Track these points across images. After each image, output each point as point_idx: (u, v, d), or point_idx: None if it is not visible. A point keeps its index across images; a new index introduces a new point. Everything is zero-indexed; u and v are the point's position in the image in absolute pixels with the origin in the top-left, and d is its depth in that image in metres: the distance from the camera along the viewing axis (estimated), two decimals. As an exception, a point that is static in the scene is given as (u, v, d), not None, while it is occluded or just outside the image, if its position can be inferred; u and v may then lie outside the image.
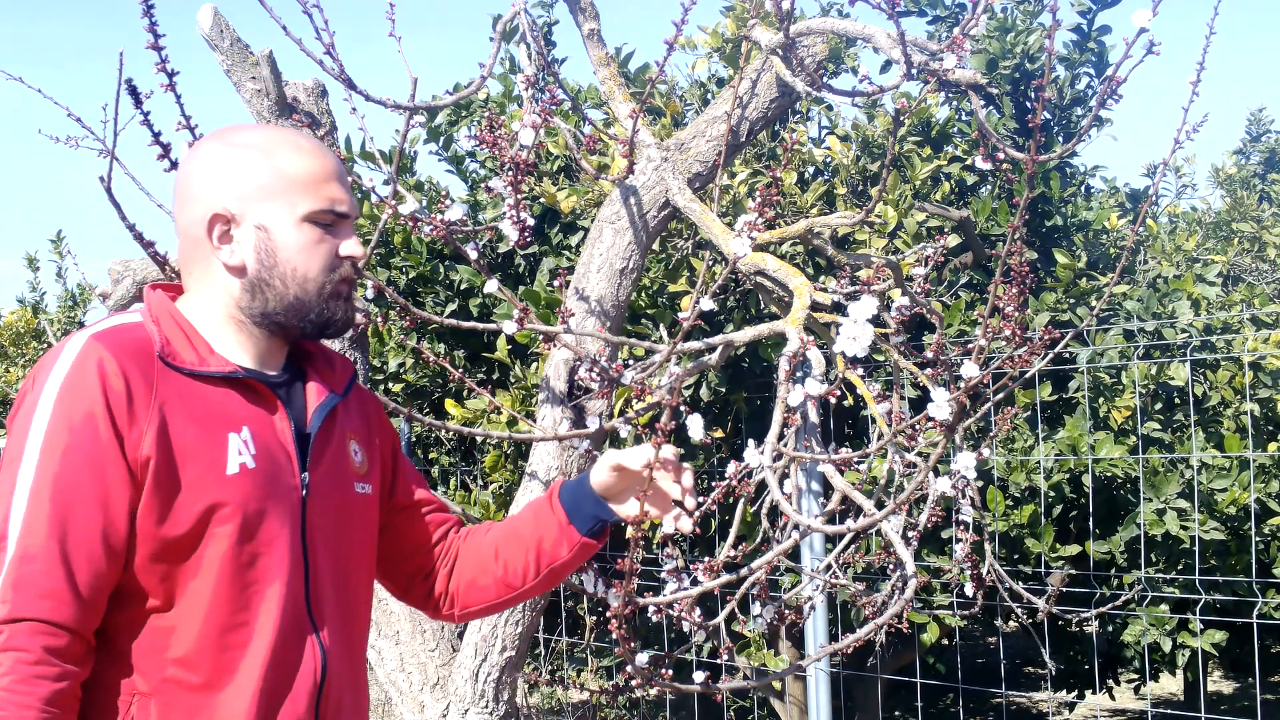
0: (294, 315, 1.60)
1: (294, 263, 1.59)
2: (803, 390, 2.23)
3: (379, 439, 1.80)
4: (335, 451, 1.67)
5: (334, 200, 1.60)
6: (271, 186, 1.58)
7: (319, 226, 1.60)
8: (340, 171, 1.63)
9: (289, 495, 1.58)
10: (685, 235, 4.27)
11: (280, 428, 1.60)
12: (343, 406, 1.72)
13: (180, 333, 1.57)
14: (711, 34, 4.46)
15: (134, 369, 1.48)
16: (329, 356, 1.74)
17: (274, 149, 1.60)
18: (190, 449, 1.50)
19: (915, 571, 2.17)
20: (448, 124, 5.13)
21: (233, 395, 1.56)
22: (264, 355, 1.63)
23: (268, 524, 1.54)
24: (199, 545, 1.49)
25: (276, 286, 1.59)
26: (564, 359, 2.96)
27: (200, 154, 1.63)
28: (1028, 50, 4.43)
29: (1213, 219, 6.58)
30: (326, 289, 1.61)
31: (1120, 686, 5.75)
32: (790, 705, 4.53)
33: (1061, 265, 4.15)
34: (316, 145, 1.64)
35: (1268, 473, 3.96)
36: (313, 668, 1.57)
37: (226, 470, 1.51)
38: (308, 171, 1.60)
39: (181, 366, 1.53)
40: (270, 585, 1.54)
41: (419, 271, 4.78)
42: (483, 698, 3.02)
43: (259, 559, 1.53)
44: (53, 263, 8.79)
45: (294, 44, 2.49)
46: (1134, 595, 3.76)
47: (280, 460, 1.58)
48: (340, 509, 1.66)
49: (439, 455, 5.61)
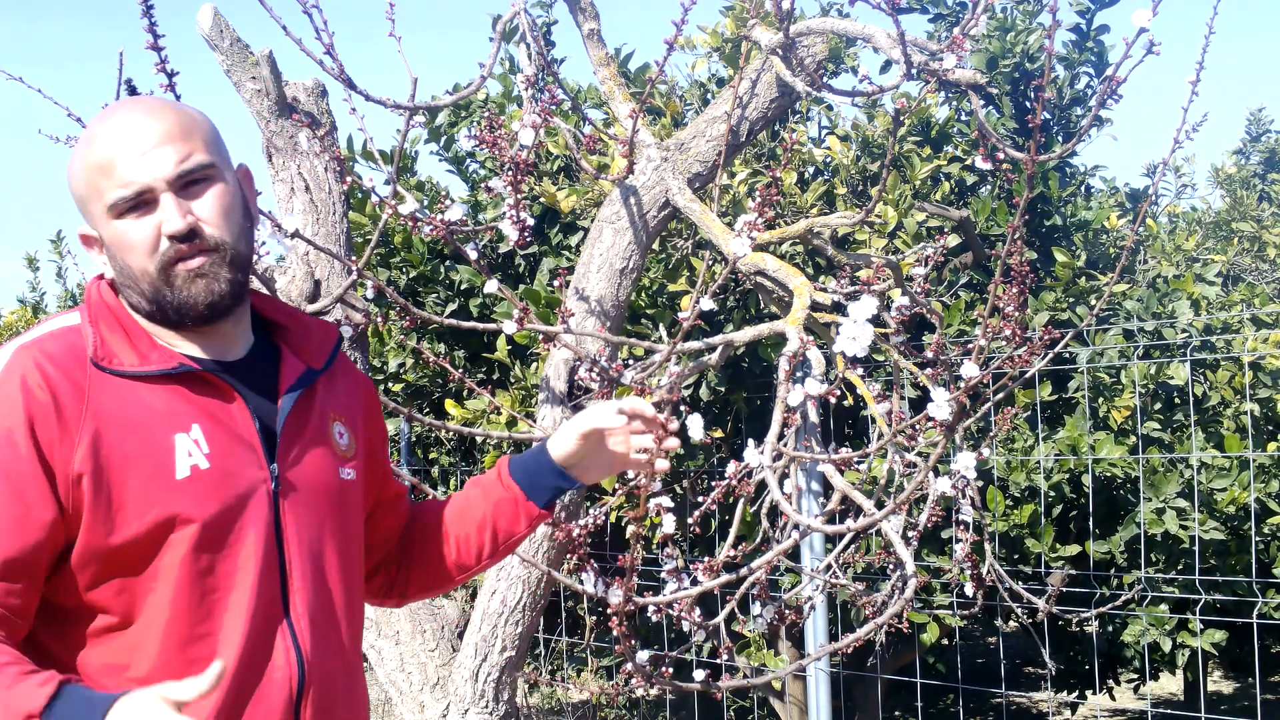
0: (161, 308, 1.47)
1: (125, 261, 1.46)
2: (803, 390, 2.23)
3: (367, 419, 1.69)
4: (312, 435, 1.55)
5: (118, 185, 1.43)
6: (83, 195, 1.48)
7: (127, 216, 1.44)
8: (134, 143, 1.44)
9: (254, 491, 1.46)
10: (685, 235, 4.28)
11: (240, 419, 1.48)
12: (324, 382, 1.60)
13: (120, 330, 1.47)
14: (711, 34, 4.46)
15: (62, 380, 1.39)
16: (307, 327, 1.61)
17: (81, 152, 1.48)
18: (132, 457, 1.40)
19: (915, 571, 2.17)
20: (448, 124, 5.13)
21: (180, 391, 1.45)
22: (211, 340, 1.51)
23: (230, 525, 1.44)
24: (154, 557, 1.40)
25: (132, 286, 1.47)
26: (564, 359, 2.96)
27: None
28: (1027, 50, 4.43)
29: (1213, 219, 6.58)
30: (160, 274, 1.45)
31: (1120, 686, 5.76)
32: (790, 705, 4.53)
33: (1061, 265, 4.15)
34: (111, 126, 1.47)
35: (1267, 472, 3.96)
36: (288, 675, 1.47)
37: (176, 475, 1.41)
38: (97, 164, 1.45)
39: (119, 369, 1.43)
40: (235, 591, 1.44)
41: (419, 271, 4.78)
42: (483, 698, 3.02)
43: (221, 564, 1.43)
44: (53, 263, 8.79)
45: (294, 44, 2.49)
46: (1134, 595, 3.76)
47: (240, 454, 1.46)
48: (320, 499, 1.54)
49: (439, 455, 5.61)
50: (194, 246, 1.45)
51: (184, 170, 1.45)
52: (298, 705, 1.48)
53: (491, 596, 3.03)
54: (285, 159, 2.97)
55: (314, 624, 1.50)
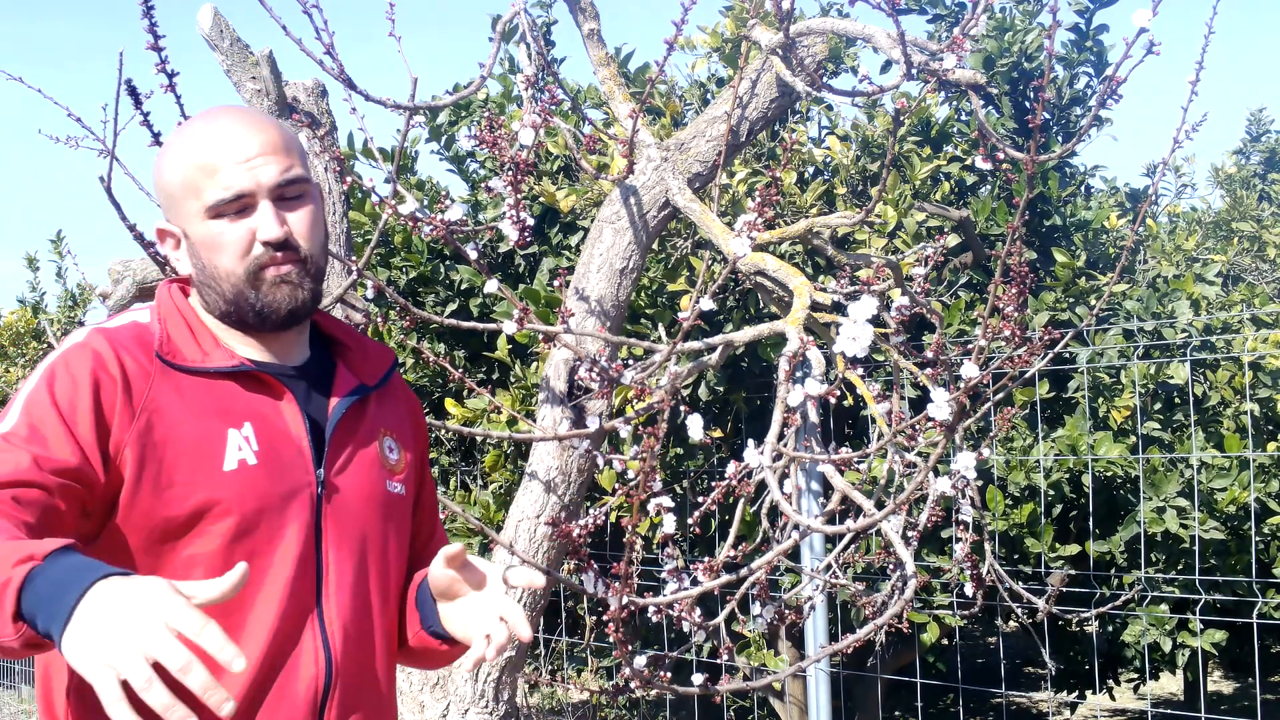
0: (240, 310, 1.53)
1: (213, 261, 1.52)
2: (803, 390, 2.23)
3: (416, 441, 1.71)
4: (361, 445, 1.59)
5: (225, 186, 1.49)
6: (178, 191, 1.52)
7: (224, 217, 1.50)
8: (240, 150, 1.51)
9: (299, 493, 1.51)
10: (685, 235, 4.28)
11: (291, 422, 1.53)
12: (376, 399, 1.64)
13: (185, 328, 1.53)
14: (711, 34, 4.46)
15: (132, 362, 1.46)
16: (364, 346, 1.67)
17: (178, 149, 1.54)
18: (183, 444, 1.45)
19: (915, 571, 2.17)
20: (448, 124, 5.13)
21: (238, 390, 1.51)
22: (270, 346, 1.57)
23: (269, 523, 1.47)
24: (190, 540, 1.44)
25: (214, 287, 1.53)
26: (564, 359, 2.96)
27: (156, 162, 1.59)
28: (1025, 49, 4.43)
29: (1213, 219, 6.58)
30: (249, 277, 1.51)
31: (1120, 686, 5.75)
32: (790, 705, 4.53)
33: (1060, 265, 4.15)
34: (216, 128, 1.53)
35: (1267, 472, 3.96)
36: (314, 675, 1.49)
37: (224, 466, 1.46)
38: (199, 163, 1.50)
39: (181, 364, 1.49)
40: (267, 587, 1.47)
41: (419, 271, 4.78)
42: (483, 698, 3.02)
43: (256, 558, 1.45)
44: (53, 263, 8.79)
45: (294, 44, 2.49)
46: (1134, 595, 3.76)
47: (289, 456, 1.51)
48: (365, 507, 1.57)
49: (439, 455, 5.61)
50: (285, 255, 1.52)
51: (283, 181, 1.52)
52: (322, 705, 1.50)
53: (491, 596, 3.03)
54: (285, 159, 2.97)
55: (345, 628, 1.52)
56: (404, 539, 1.65)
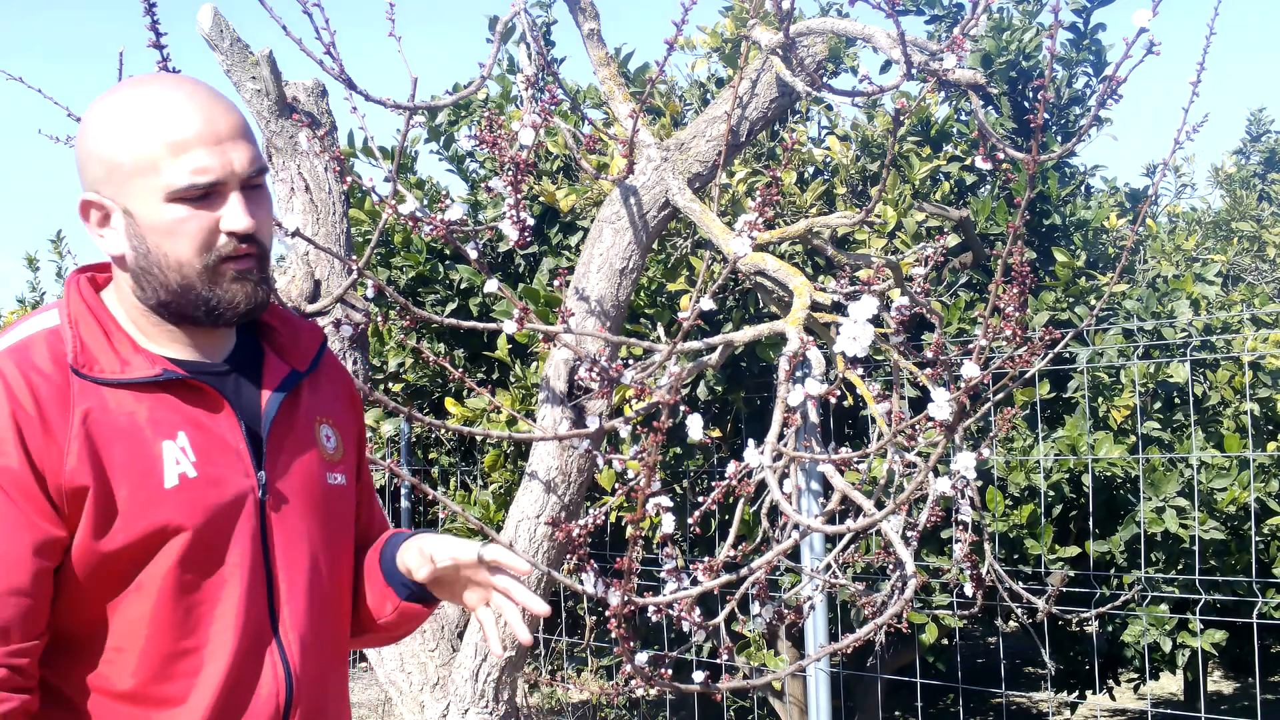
0: (185, 303, 1.40)
1: (164, 248, 1.38)
2: (803, 390, 2.23)
3: (354, 419, 1.62)
4: (298, 440, 1.50)
5: (195, 171, 1.36)
6: (129, 164, 1.37)
7: (187, 203, 1.37)
8: (214, 131, 1.38)
9: (243, 499, 1.41)
10: (685, 235, 4.28)
11: (225, 425, 1.42)
12: (309, 384, 1.54)
13: (100, 333, 1.40)
14: (711, 34, 4.46)
15: (45, 386, 1.33)
16: (293, 327, 1.55)
17: (134, 116, 1.37)
18: (121, 464, 1.34)
19: (915, 571, 2.17)
20: (448, 124, 5.13)
21: (164, 398, 1.39)
22: (197, 342, 1.45)
23: (217, 536, 1.38)
24: (139, 564, 1.34)
25: (157, 275, 1.39)
26: (564, 359, 2.96)
27: (79, 128, 1.43)
28: (1023, 48, 4.43)
29: (1212, 219, 6.58)
30: (207, 271, 1.39)
31: (1120, 686, 5.76)
32: (790, 705, 4.53)
33: (1060, 264, 4.15)
34: (183, 102, 1.38)
35: (1267, 472, 3.96)
36: (274, 690, 1.42)
37: (164, 483, 1.35)
38: (165, 140, 1.36)
39: (99, 377, 1.36)
40: (223, 603, 1.39)
41: (419, 271, 4.78)
42: (483, 697, 3.02)
43: (208, 576, 1.38)
44: (53, 263, 8.80)
45: (294, 44, 2.49)
46: (1134, 595, 3.76)
47: (228, 462, 1.41)
48: (308, 506, 1.48)
49: (439, 455, 5.61)
50: (246, 248, 1.41)
51: (254, 170, 1.41)
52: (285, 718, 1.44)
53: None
54: (285, 159, 2.98)
55: (302, 638, 1.45)
56: (349, 530, 1.58)
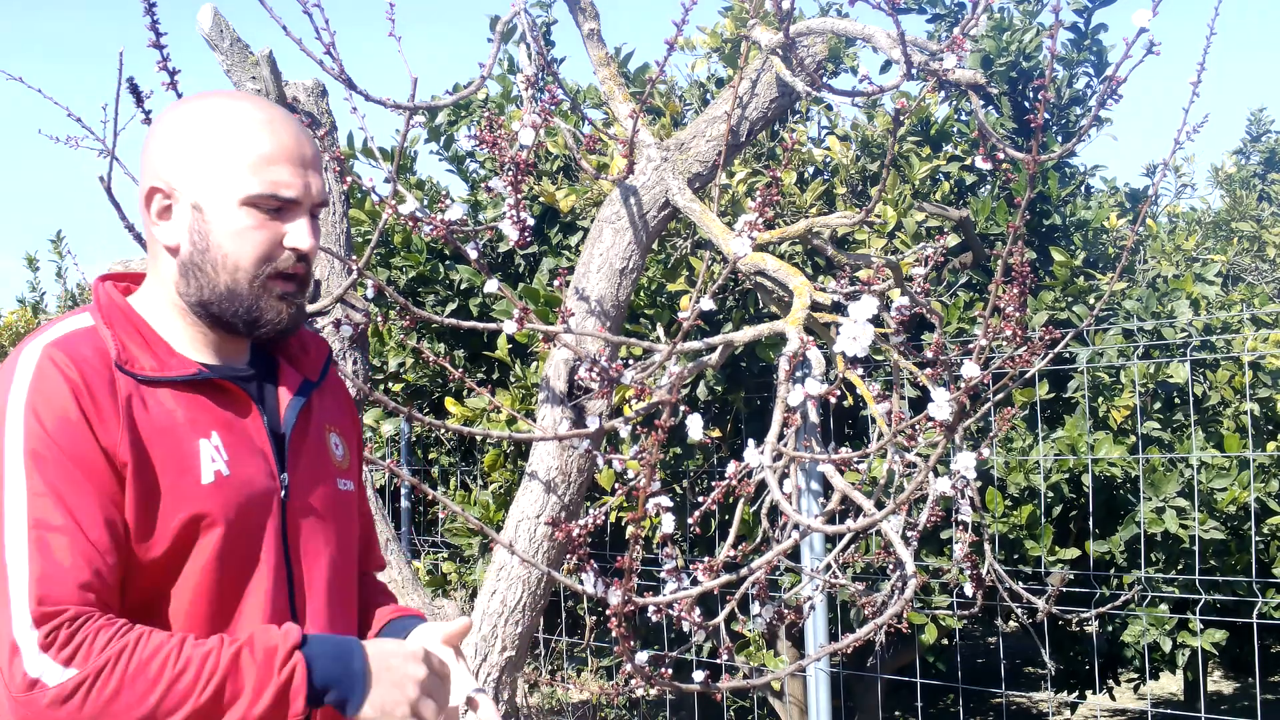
0: (226, 308, 1.46)
1: (225, 248, 1.44)
2: (803, 390, 2.23)
3: (355, 433, 1.69)
4: (314, 447, 1.56)
5: (279, 184, 1.45)
6: (212, 163, 1.44)
7: (260, 211, 1.45)
8: (300, 153, 1.47)
9: (269, 499, 1.47)
10: (685, 235, 4.28)
11: (254, 428, 1.49)
12: (318, 395, 1.60)
13: (136, 334, 1.46)
14: (711, 34, 4.46)
15: (95, 375, 1.39)
16: (303, 340, 1.62)
17: (226, 121, 1.46)
18: (162, 459, 1.40)
19: (915, 571, 2.17)
20: (448, 124, 5.13)
21: (199, 399, 1.45)
22: (223, 348, 1.51)
23: (249, 531, 1.45)
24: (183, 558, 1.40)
25: (208, 272, 1.45)
26: (564, 359, 2.96)
27: (158, 120, 1.51)
28: (1023, 49, 4.43)
29: (1212, 219, 6.59)
30: (258, 281, 1.46)
31: (1120, 686, 5.76)
32: (790, 705, 4.53)
33: (1059, 264, 4.15)
34: (277, 122, 1.48)
35: (1267, 472, 3.96)
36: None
37: (201, 479, 1.41)
38: (255, 149, 1.44)
39: (140, 374, 1.42)
40: (251, 597, 1.45)
41: (419, 271, 4.78)
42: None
43: (239, 571, 1.44)
44: (53, 263, 8.81)
45: (294, 44, 2.49)
46: (1134, 595, 3.77)
47: (256, 463, 1.47)
48: (324, 510, 1.55)
49: (439, 455, 5.61)
50: (297, 268, 1.48)
51: (322, 200, 1.51)
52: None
53: (491, 596, 3.03)
54: (285, 159, 2.97)
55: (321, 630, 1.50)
56: (355, 534, 1.64)
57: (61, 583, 1.31)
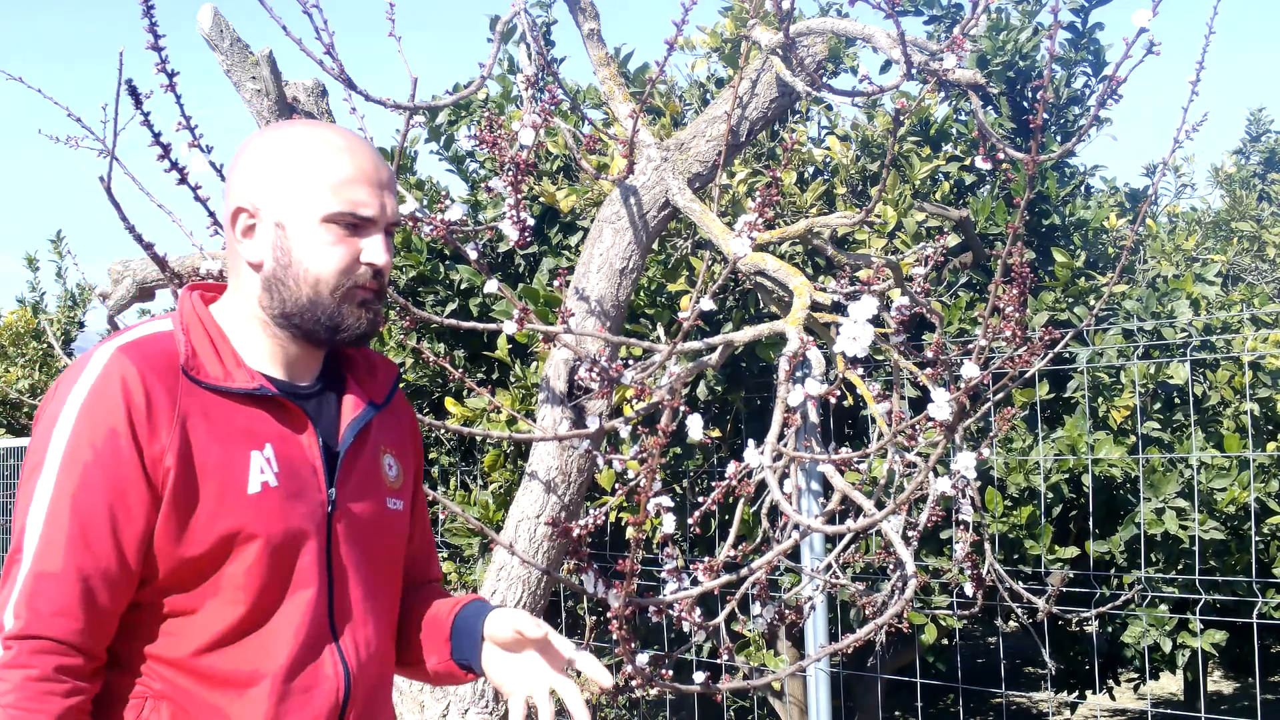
0: (309, 318, 1.56)
1: (307, 263, 1.55)
2: (803, 390, 2.23)
3: (414, 453, 1.76)
4: (366, 465, 1.64)
5: (357, 203, 1.55)
6: (295, 183, 1.55)
7: (340, 228, 1.55)
8: (377, 176, 1.58)
9: (314, 513, 1.55)
10: (685, 235, 4.28)
11: (307, 444, 1.57)
12: (379, 417, 1.68)
13: (208, 343, 1.55)
14: (711, 34, 4.46)
15: (157, 382, 1.47)
16: (371, 362, 1.71)
17: (308, 146, 1.57)
18: (211, 466, 1.48)
19: (915, 571, 2.17)
20: (448, 124, 5.13)
21: (258, 411, 1.54)
22: (295, 362, 1.60)
23: (290, 543, 1.52)
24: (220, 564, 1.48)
25: (290, 286, 1.55)
26: (564, 359, 2.96)
27: (242, 148, 1.62)
28: (1020, 48, 4.43)
29: (1212, 219, 6.58)
30: (339, 292, 1.56)
31: (1120, 686, 5.76)
32: (790, 705, 4.53)
33: (1060, 265, 4.15)
34: (355, 147, 1.59)
35: (1267, 472, 3.96)
36: (334, 687, 1.54)
37: (248, 489, 1.49)
38: (335, 172, 1.55)
39: (205, 382, 1.51)
40: (291, 603, 1.52)
41: (419, 271, 4.78)
42: (483, 697, 3.02)
43: (280, 577, 1.51)
44: (53, 263, 8.81)
45: (294, 44, 2.49)
46: (1134, 595, 3.76)
47: (305, 477, 1.55)
48: (370, 526, 1.62)
49: (439, 455, 5.61)
50: (376, 284, 1.58)
51: (396, 219, 1.61)
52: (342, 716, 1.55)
53: (491, 596, 3.03)
54: (285, 159, 2.97)
55: (359, 642, 1.58)
56: (401, 553, 1.71)
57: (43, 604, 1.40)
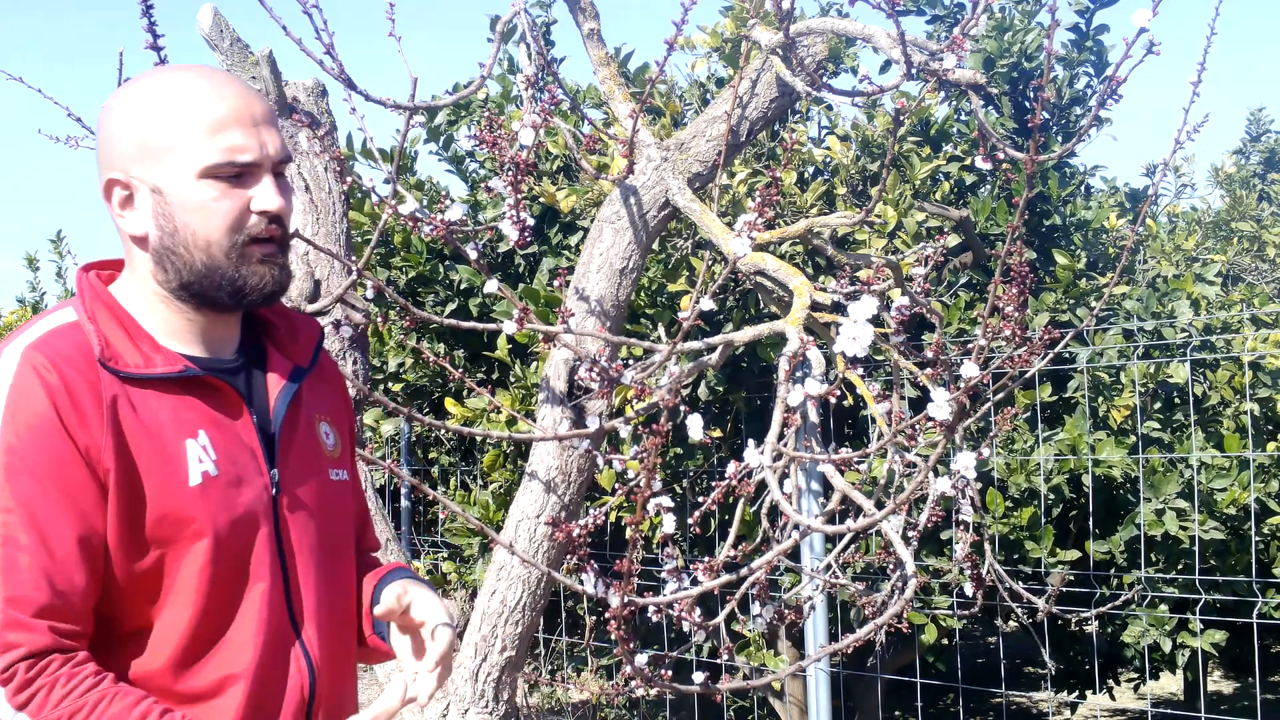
0: (208, 285, 1.40)
1: (194, 226, 1.38)
2: (803, 390, 2.23)
3: (347, 417, 1.63)
4: (304, 437, 1.51)
5: (234, 149, 1.38)
6: (162, 142, 1.38)
7: (220, 180, 1.38)
8: (250, 113, 1.40)
9: (259, 497, 1.43)
10: (685, 235, 4.28)
11: (241, 424, 1.44)
12: (308, 383, 1.54)
13: (119, 328, 1.40)
14: (711, 34, 4.46)
15: (78, 379, 1.33)
16: (292, 323, 1.56)
17: (168, 96, 1.39)
18: (148, 462, 1.35)
19: (915, 571, 2.17)
20: (448, 124, 5.13)
21: (186, 398, 1.40)
22: (210, 335, 1.46)
23: (242, 534, 1.40)
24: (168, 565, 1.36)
25: (181, 254, 1.39)
26: (564, 359, 2.96)
27: (104, 111, 1.44)
28: (1025, 49, 4.43)
29: (1212, 219, 6.59)
30: (234, 251, 1.40)
31: (1120, 686, 5.76)
32: (790, 705, 4.53)
33: (1061, 265, 4.15)
34: (220, 86, 1.41)
35: (1267, 472, 3.96)
36: (300, 683, 1.44)
37: (189, 482, 1.36)
38: (202, 119, 1.38)
39: (126, 371, 1.37)
40: (248, 598, 1.40)
41: (419, 271, 4.78)
42: (483, 698, 3.02)
43: (235, 572, 1.39)
44: (53, 263, 8.80)
45: (294, 44, 2.49)
46: (1134, 595, 3.76)
47: (244, 460, 1.42)
48: (317, 502, 1.50)
49: (439, 455, 5.61)
50: (271, 230, 1.42)
51: (284, 156, 1.44)
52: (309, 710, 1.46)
53: (491, 596, 3.03)
54: (285, 159, 2.97)
55: (320, 630, 1.47)
56: (351, 527, 1.59)
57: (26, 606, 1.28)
